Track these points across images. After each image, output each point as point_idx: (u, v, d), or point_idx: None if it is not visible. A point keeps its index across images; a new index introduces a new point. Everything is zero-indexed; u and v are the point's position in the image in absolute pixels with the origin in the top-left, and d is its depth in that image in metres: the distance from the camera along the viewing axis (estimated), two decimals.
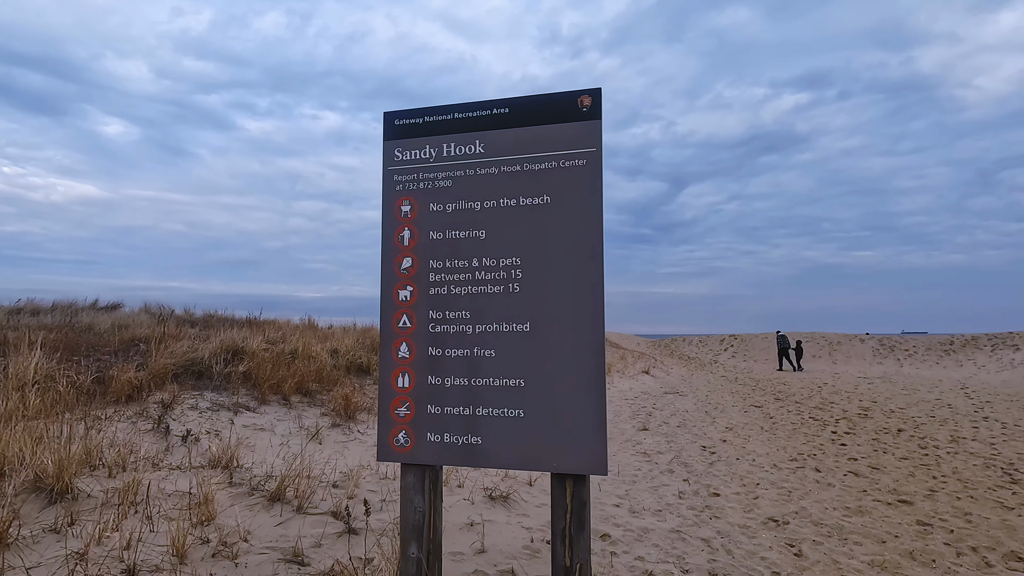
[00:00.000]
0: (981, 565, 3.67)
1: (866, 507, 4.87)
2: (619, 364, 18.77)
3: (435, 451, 2.30)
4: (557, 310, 2.22)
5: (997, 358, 21.94)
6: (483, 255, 2.32)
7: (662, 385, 15.68)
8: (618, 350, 23.72)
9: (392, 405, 2.36)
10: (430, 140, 2.44)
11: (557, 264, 2.24)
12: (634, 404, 11.59)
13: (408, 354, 2.37)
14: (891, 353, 25.85)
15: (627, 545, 3.81)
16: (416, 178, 2.44)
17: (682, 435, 8.25)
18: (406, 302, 2.39)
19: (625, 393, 13.48)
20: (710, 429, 8.79)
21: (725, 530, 4.26)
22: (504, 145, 2.35)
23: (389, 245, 2.44)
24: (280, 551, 2.94)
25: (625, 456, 6.78)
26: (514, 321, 2.26)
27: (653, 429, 8.69)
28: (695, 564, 3.56)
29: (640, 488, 5.38)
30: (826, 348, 27.75)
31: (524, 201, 2.30)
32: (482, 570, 3.13)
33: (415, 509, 2.34)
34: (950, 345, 25.14)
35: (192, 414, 6.13)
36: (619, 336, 33.21)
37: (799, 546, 3.95)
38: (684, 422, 9.44)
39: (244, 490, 3.75)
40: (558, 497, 2.21)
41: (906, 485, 5.56)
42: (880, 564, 3.66)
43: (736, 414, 10.42)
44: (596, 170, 2.24)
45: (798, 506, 4.89)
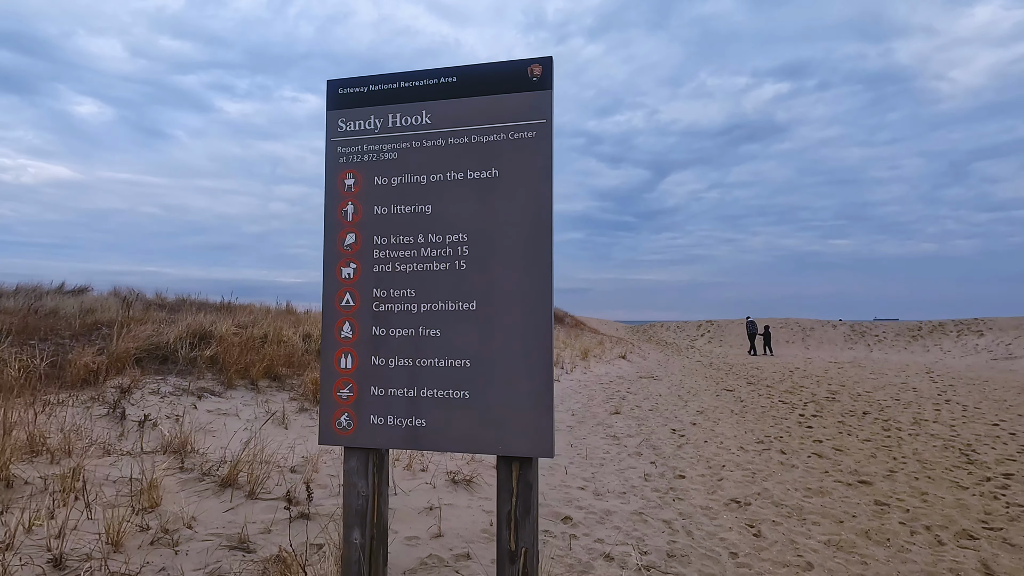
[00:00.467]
0: (933, 543, 3.73)
1: (827, 488, 4.93)
2: (597, 349, 18.86)
3: (378, 434, 2.22)
4: (504, 288, 2.14)
5: (962, 343, 22.56)
6: (429, 231, 2.23)
7: (638, 370, 15.80)
8: (596, 335, 23.85)
9: (334, 387, 2.27)
10: (375, 110, 2.33)
11: (505, 241, 2.16)
12: (609, 388, 11.65)
13: (351, 334, 2.27)
14: (862, 339, 26.44)
15: (588, 528, 3.80)
16: (360, 150, 2.32)
17: (653, 418, 8.30)
18: (349, 280, 2.29)
19: (601, 377, 13.55)
20: (681, 413, 8.86)
21: (687, 512, 4.27)
22: (451, 116, 2.25)
23: (332, 220, 2.33)
24: (225, 537, 2.85)
25: (595, 440, 6.79)
26: (460, 300, 2.18)
27: (625, 413, 8.73)
28: (654, 546, 3.56)
29: (607, 471, 5.38)
30: (799, 334, 28.27)
31: (472, 175, 2.21)
32: (437, 554, 3.08)
33: (358, 494, 2.26)
34: (918, 331, 25.79)
35: (153, 399, 5.96)
36: (598, 322, 33.39)
37: (759, 527, 3.98)
38: (656, 406, 9.51)
39: (195, 476, 3.64)
40: (504, 480, 2.15)
41: (867, 466, 5.66)
42: (836, 543, 3.70)
43: (708, 398, 10.54)
44: (546, 142, 2.15)
45: (761, 487, 4.94)
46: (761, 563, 3.40)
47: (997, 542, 3.75)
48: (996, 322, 24.05)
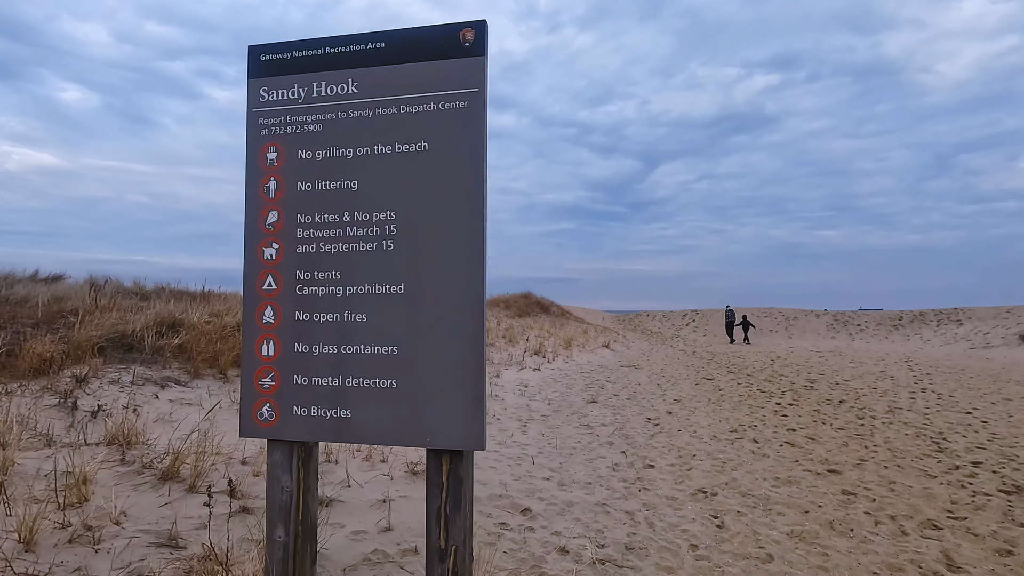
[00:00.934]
0: (897, 533, 3.68)
1: (796, 477, 4.88)
2: (581, 338, 18.81)
3: (301, 426, 2.08)
4: (434, 271, 2.00)
5: (942, 333, 22.81)
6: (355, 209, 2.08)
7: (620, 359, 15.76)
8: (581, 325, 23.81)
9: (256, 376, 2.12)
10: (299, 78, 2.16)
11: (435, 219, 2.01)
12: (589, 377, 11.58)
13: (273, 319, 2.12)
14: (844, 328, 26.64)
15: (547, 520, 3.70)
16: (283, 121, 2.16)
17: (630, 408, 8.23)
18: (271, 261, 2.14)
19: (583, 366, 13.48)
20: (658, 402, 8.80)
21: (652, 502, 4.19)
22: (379, 84, 2.09)
23: (253, 197, 2.16)
24: (155, 534, 2.70)
25: (568, 429, 6.70)
26: (387, 282, 2.03)
27: (602, 402, 8.66)
28: (613, 538, 3.47)
29: (576, 461, 5.29)
30: (783, 323, 28.44)
31: (400, 148, 2.06)
32: (383, 549, 2.96)
33: (282, 489, 2.12)
34: (899, 320, 26.02)
35: (111, 389, 5.77)
36: (585, 311, 33.36)
37: (723, 518, 3.91)
38: (634, 395, 9.45)
39: (135, 469, 3.48)
40: (433, 475, 2.02)
41: (838, 455, 5.62)
42: (799, 534, 3.63)
43: (687, 387, 10.50)
44: (479, 114, 2.00)
45: (729, 477, 4.87)
46: (721, 555, 3.32)
47: (961, 532, 3.70)
48: (975, 312, 24.31)
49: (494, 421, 6.78)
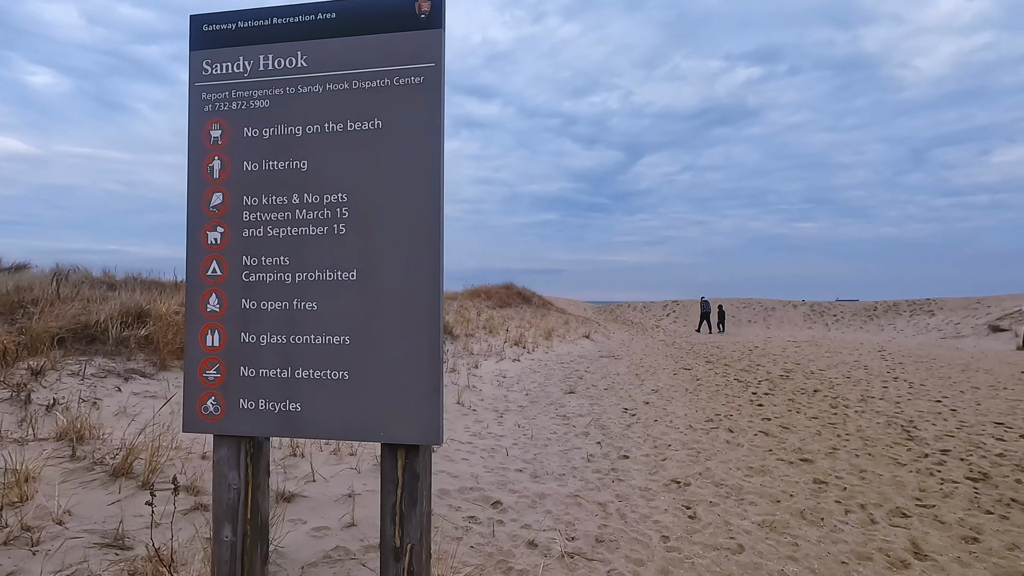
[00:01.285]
0: (866, 522, 3.69)
1: (769, 467, 4.89)
2: (561, 329, 18.81)
3: (248, 420, 1.96)
4: (388, 256, 1.89)
5: (914, 323, 23.30)
6: (305, 190, 1.95)
7: (600, 349, 15.79)
8: (563, 315, 23.82)
9: (200, 367, 2.00)
10: (245, 51, 2.02)
11: (389, 201, 1.90)
12: (568, 368, 11.56)
13: (218, 307, 2.00)
14: (820, 318, 27.09)
15: (518, 512, 3.63)
16: (228, 97, 2.02)
17: (607, 398, 8.22)
18: (216, 246, 2.01)
19: (562, 357, 13.47)
20: (636, 392, 8.81)
21: (625, 493, 4.15)
22: (330, 58, 1.96)
23: (196, 178, 2.03)
24: (100, 534, 2.57)
25: (544, 420, 6.65)
26: (339, 268, 1.92)
27: (580, 392, 8.64)
28: (584, 531, 3.42)
29: (551, 452, 5.24)
30: (761, 313, 28.80)
31: (352, 126, 1.94)
32: (344, 546, 2.86)
33: (229, 487, 2.01)
34: (874, 311, 26.53)
35: (71, 381, 5.55)
36: (566, 302, 33.39)
37: (695, 508, 3.88)
38: (612, 385, 9.45)
39: (85, 465, 3.33)
40: (388, 470, 1.93)
41: (811, 444, 5.65)
42: (770, 524, 3.62)
43: (665, 377, 10.54)
44: (436, 90, 1.89)
45: (703, 467, 4.86)
46: (692, 546, 3.29)
47: (928, 520, 3.73)
48: (946, 302, 24.88)
49: (470, 412, 6.70)
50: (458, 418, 6.32)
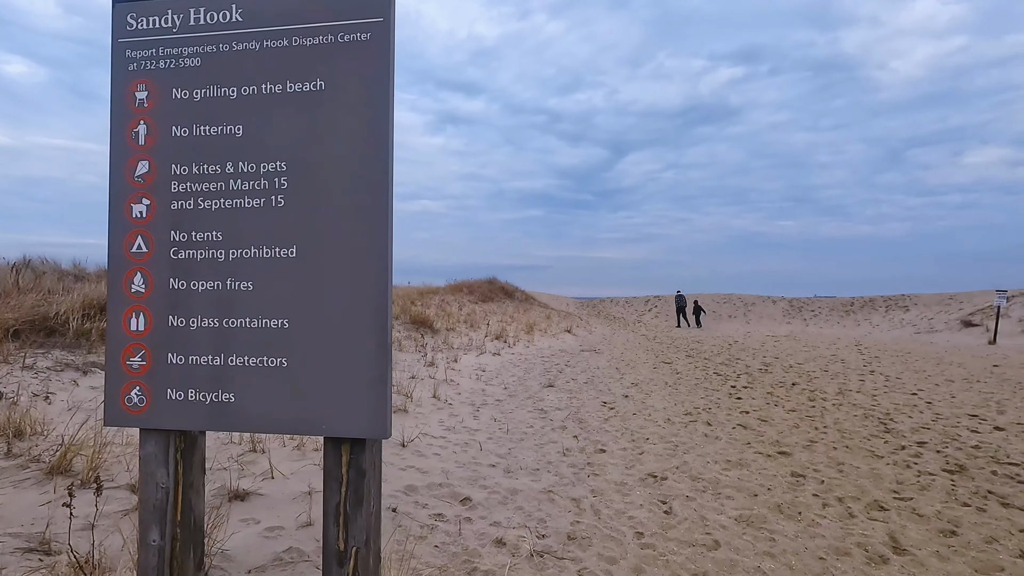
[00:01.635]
0: (844, 516, 3.61)
1: (746, 460, 4.80)
2: (544, 323, 18.70)
3: (176, 412, 1.77)
4: (332, 231, 1.72)
5: (890, 318, 23.65)
6: (240, 158, 1.76)
7: (581, 344, 15.70)
8: (545, 310, 23.72)
9: (123, 354, 1.80)
10: (173, 4, 1.82)
11: (332, 171, 1.72)
12: (549, 362, 11.44)
13: (143, 288, 1.80)
14: (799, 313, 27.39)
15: (487, 509, 3.48)
16: (155, 55, 1.82)
17: (587, 391, 8.11)
18: (141, 219, 1.81)
19: (543, 351, 13.35)
20: (616, 385, 8.71)
21: (600, 488, 4.03)
22: (268, 11, 1.77)
23: (119, 144, 1.82)
24: (26, 537, 2.36)
25: (521, 414, 6.51)
26: (277, 244, 1.74)
27: (559, 386, 8.51)
28: (555, 528, 3.28)
29: (526, 446, 5.10)
30: (741, 309, 29.03)
31: (292, 87, 1.75)
32: (299, 547, 2.68)
33: (157, 486, 1.82)
34: (851, 306, 26.89)
35: (24, 375, 5.26)
36: (549, 297, 33.31)
37: (671, 503, 3.77)
38: (592, 379, 9.34)
39: (19, 462, 3.10)
40: (331, 467, 1.76)
41: (789, 437, 5.59)
42: (747, 519, 3.52)
43: (645, 371, 10.47)
44: (384, 47, 1.71)
45: (681, 460, 4.76)
46: (667, 543, 3.17)
47: (906, 513, 3.67)
48: (921, 298, 25.32)
49: (446, 406, 6.53)
50: (433, 412, 6.15)
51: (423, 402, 6.54)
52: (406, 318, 14.20)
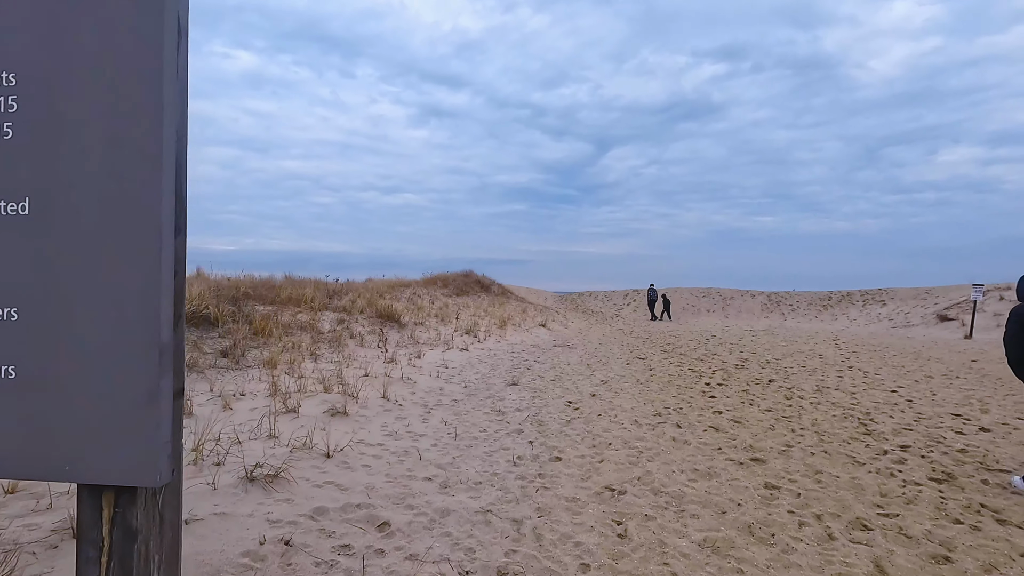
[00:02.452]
0: (823, 538, 3.14)
1: (716, 468, 4.33)
2: (518, 317, 18.20)
3: None
4: (83, 181, 1.15)
5: (867, 312, 23.62)
6: None
7: (555, 338, 15.23)
8: (522, 304, 23.21)
9: None
10: None
11: (88, 93, 1.15)
12: (518, 358, 10.92)
13: None
14: (777, 308, 27.29)
15: (407, 537, 2.94)
16: None
17: (552, 390, 7.60)
18: None
19: (514, 346, 12.84)
20: (584, 383, 8.23)
21: (548, 506, 3.51)
22: None
23: None
24: None
25: (477, 416, 5.98)
26: (1, 196, 1.17)
27: (524, 384, 8.00)
28: (485, 560, 2.75)
29: (474, 454, 4.57)
30: (720, 303, 28.86)
31: None
32: None
33: None
34: (828, 301, 26.86)
35: None
36: (527, 291, 32.78)
37: (627, 523, 3.27)
38: (560, 376, 8.85)
39: None
40: (87, 524, 1.20)
41: (764, 440, 5.15)
42: (712, 543, 3.03)
43: (617, 367, 10.01)
44: None
45: (644, 470, 4.27)
46: None
47: (892, 533, 3.21)
48: (897, 292, 25.36)
49: (394, 408, 5.97)
50: (378, 415, 5.59)
51: (369, 403, 5.97)
52: (371, 312, 13.58)
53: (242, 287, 12.72)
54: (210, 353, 7.58)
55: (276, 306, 12.21)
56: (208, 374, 6.63)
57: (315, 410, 5.39)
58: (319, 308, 12.75)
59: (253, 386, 6.20)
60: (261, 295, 12.80)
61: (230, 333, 9.03)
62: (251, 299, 12.10)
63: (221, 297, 11.09)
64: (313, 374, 7.20)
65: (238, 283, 13.13)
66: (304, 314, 12.08)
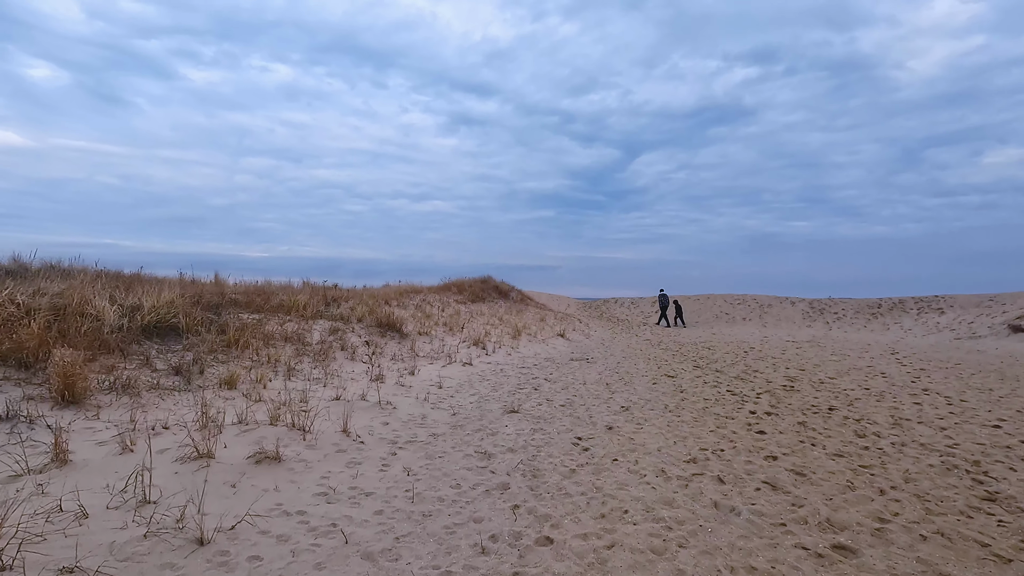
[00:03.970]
0: None
1: (783, 566, 2.88)
2: (535, 326, 16.81)
3: None
4: None
5: (923, 321, 21.41)
6: None
7: (574, 350, 13.79)
8: (541, 311, 21.80)
9: None
10: None
11: None
12: (527, 374, 9.54)
13: None
14: (820, 316, 25.16)
15: None
16: None
17: (559, 419, 6.21)
18: None
19: (525, 360, 11.46)
20: (601, 409, 6.80)
21: None
22: None
23: None
24: None
25: (456, 459, 4.64)
26: None
27: (526, 411, 6.61)
28: None
29: (428, 532, 3.22)
30: (757, 310, 26.86)
31: None
32: None
33: None
34: (878, 308, 24.62)
35: None
36: (549, 297, 31.29)
37: None
38: (572, 399, 7.43)
39: None
40: None
41: (844, 508, 3.66)
42: None
43: (642, 387, 8.53)
44: None
45: (674, 569, 2.85)
46: None
47: None
48: (956, 300, 23.02)
49: (352, 448, 4.68)
50: (323, 461, 4.29)
51: (321, 440, 4.69)
52: (371, 320, 12.41)
53: (229, 293, 11.72)
54: (162, 370, 6.44)
55: (265, 314, 11.13)
56: (145, 398, 5.47)
57: (240, 453, 4.14)
58: (311, 316, 11.61)
59: (185, 414, 5.00)
60: (251, 302, 11.74)
61: (196, 346, 7.93)
62: (237, 306, 11.06)
63: (202, 304, 10.07)
64: (278, 396, 5.99)
65: (224, 288, 12.12)
66: (294, 323, 10.96)
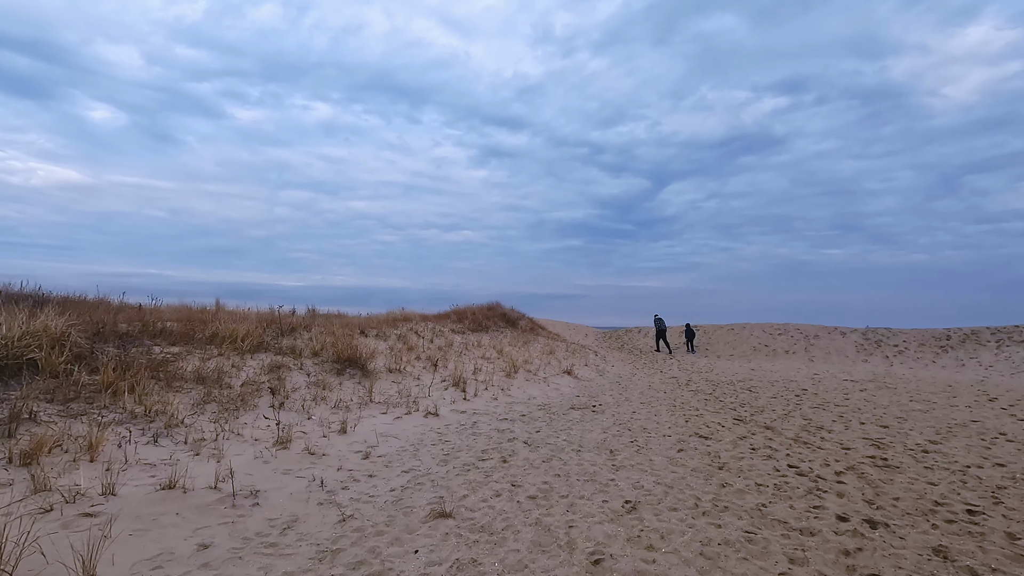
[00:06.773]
0: None
1: None
2: (539, 360, 14.26)
3: None
4: None
5: (1006, 356, 18.04)
6: None
7: (580, 392, 11.18)
8: (552, 342, 19.18)
9: None
10: None
11: None
12: (503, 434, 7.02)
13: None
14: (877, 349, 21.83)
15: None
16: None
17: (514, 538, 3.68)
18: None
19: (512, 408, 8.94)
20: (593, 502, 4.24)
21: None
22: None
23: None
24: None
25: None
26: None
27: (464, 516, 4.10)
28: None
29: None
30: (802, 342, 23.65)
31: None
32: None
33: None
34: (947, 340, 21.22)
35: None
36: (564, 326, 28.62)
37: None
38: (551, 484, 4.88)
39: None
40: None
41: None
42: None
43: (661, 457, 5.91)
44: None
45: None
46: None
47: None
48: None
49: None
50: None
51: None
52: (330, 354, 10.10)
53: (156, 319, 9.60)
54: None
55: (190, 346, 8.91)
56: None
57: None
58: (249, 350, 9.34)
59: None
60: (188, 332, 9.55)
61: (58, 388, 5.80)
62: (158, 336, 8.90)
63: (102, 334, 7.93)
64: (76, 481, 3.69)
65: (146, 313, 9.99)
66: (225, 357, 8.72)
